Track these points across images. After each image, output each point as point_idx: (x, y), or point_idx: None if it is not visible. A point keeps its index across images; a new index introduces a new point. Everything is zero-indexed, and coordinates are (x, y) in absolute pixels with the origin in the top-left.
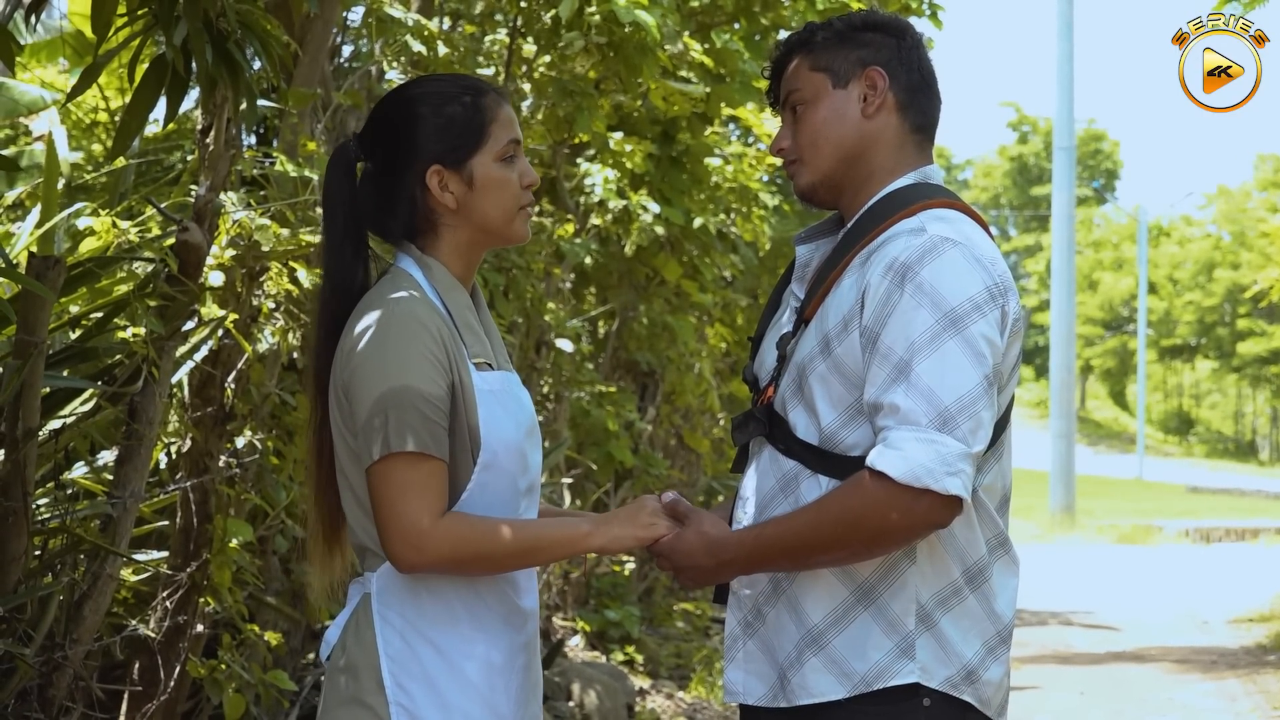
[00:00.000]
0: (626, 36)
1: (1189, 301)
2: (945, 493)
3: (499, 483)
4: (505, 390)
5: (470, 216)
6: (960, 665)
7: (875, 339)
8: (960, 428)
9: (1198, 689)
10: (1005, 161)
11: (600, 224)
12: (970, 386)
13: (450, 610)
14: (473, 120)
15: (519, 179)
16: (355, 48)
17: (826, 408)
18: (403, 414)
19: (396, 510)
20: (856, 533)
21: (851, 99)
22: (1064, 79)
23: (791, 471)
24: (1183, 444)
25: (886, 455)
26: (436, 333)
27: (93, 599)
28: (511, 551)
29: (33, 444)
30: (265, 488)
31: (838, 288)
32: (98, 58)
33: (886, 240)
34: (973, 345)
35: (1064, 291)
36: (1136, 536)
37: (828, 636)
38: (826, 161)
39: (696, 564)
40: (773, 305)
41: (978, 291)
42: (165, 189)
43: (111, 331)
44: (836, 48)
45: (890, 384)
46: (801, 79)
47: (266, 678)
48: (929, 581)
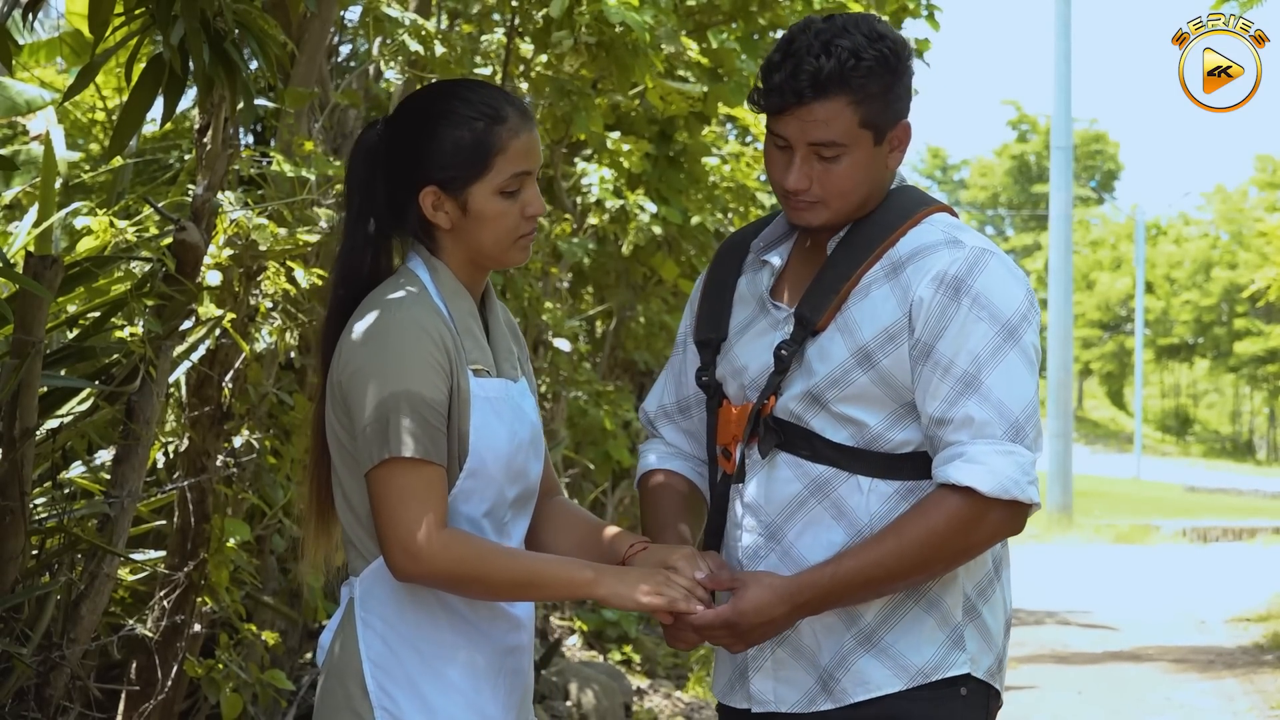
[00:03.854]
0: (617, 37)
1: (1186, 301)
2: (1029, 502)
3: (485, 491)
4: (503, 398)
5: (463, 240)
6: (997, 654)
7: (929, 351)
8: (1029, 436)
9: (1195, 688)
10: (1004, 160)
11: (598, 223)
12: (1031, 395)
13: (431, 613)
14: (478, 150)
15: (521, 209)
16: (353, 47)
17: (867, 414)
18: (404, 418)
19: (396, 517)
20: (940, 552)
21: (884, 153)
22: (1062, 78)
23: (823, 476)
24: (1180, 444)
25: (970, 470)
26: (438, 336)
27: (90, 598)
28: (509, 582)
29: (30, 443)
30: (263, 487)
31: (865, 298)
32: (95, 57)
33: (919, 253)
34: (1027, 355)
35: (1061, 291)
36: (1134, 536)
37: (880, 634)
38: (851, 207)
39: (770, 618)
40: (718, 305)
41: (1022, 300)
42: (163, 188)
43: (109, 331)
44: (882, 101)
45: (959, 397)
46: (844, 131)
47: (264, 677)
48: (973, 573)
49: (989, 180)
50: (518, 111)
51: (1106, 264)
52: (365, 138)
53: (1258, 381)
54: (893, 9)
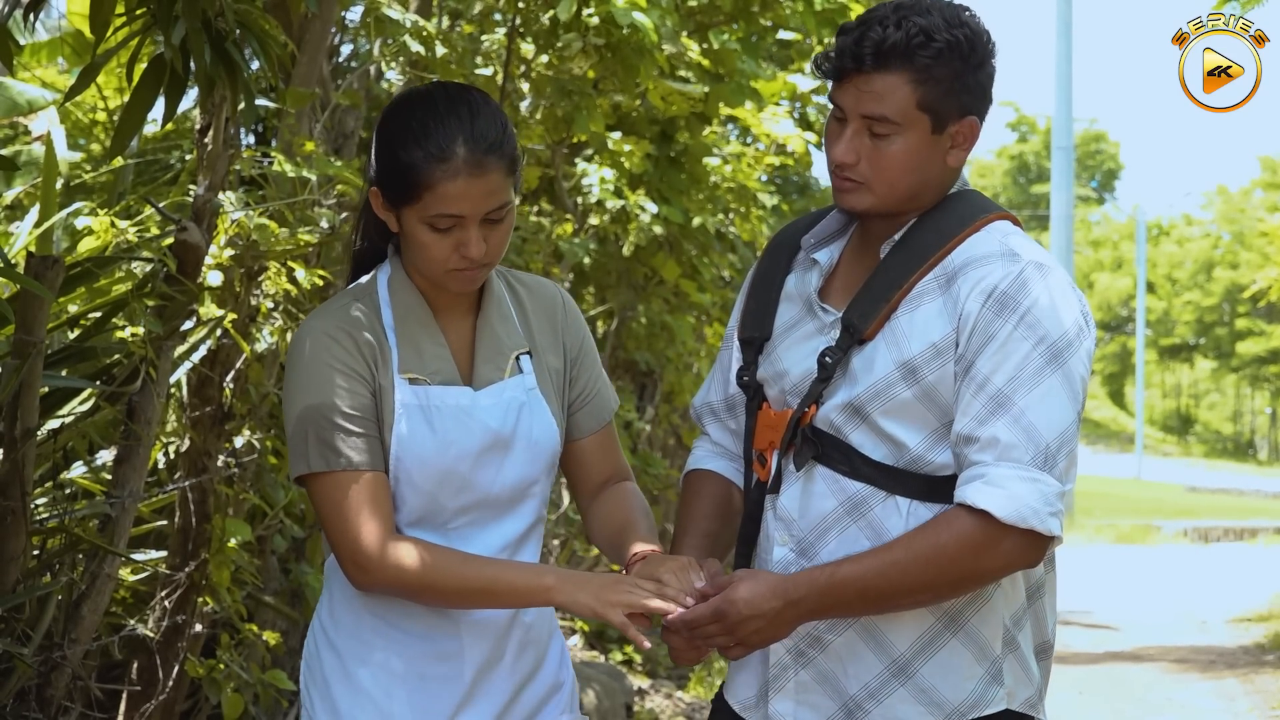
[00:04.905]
0: (624, 38)
1: (1188, 301)
2: (1048, 534)
3: (412, 500)
4: (443, 406)
5: (405, 251)
6: (1036, 685)
7: (969, 367)
8: (1059, 465)
9: (1196, 688)
10: (1005, 161)
11: (599, 224)
12: (1069, 423)
13: (355, 613)
14: (409, 178)
15: (454, 246)
16: (354, 47)
17: (909, 433)
18: (322, 432)
19: (339, 530)
20: (945, 574)
21: (943, 145)
22: (1063, 78)
23: (860, 494)
24: (1181, 444)
25: (988, 493)
26: (351, 343)
27: (91, 598)
28: (463, 589)
29: (31, 443)
30: (264, 487)
31: (915, 310)
32: (96, 57)
33: (972, 264)
34: (1071, 382)
35: None
36: (1135, 536)
37: (915, 665)
38: (898, 196)
39: (761, 611)
40: (764, 302)
41: (1073, 323)
42: (164, 188)
43: (110, 331)
44: (946, 88)
45: (989, 416)
46: (899, 108)
47: (265, 677)
48: (1010, 602)
49: (989, 180)
50: (472, 156)
51: (1108, 264)
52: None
53: (1259, 382)
54: None
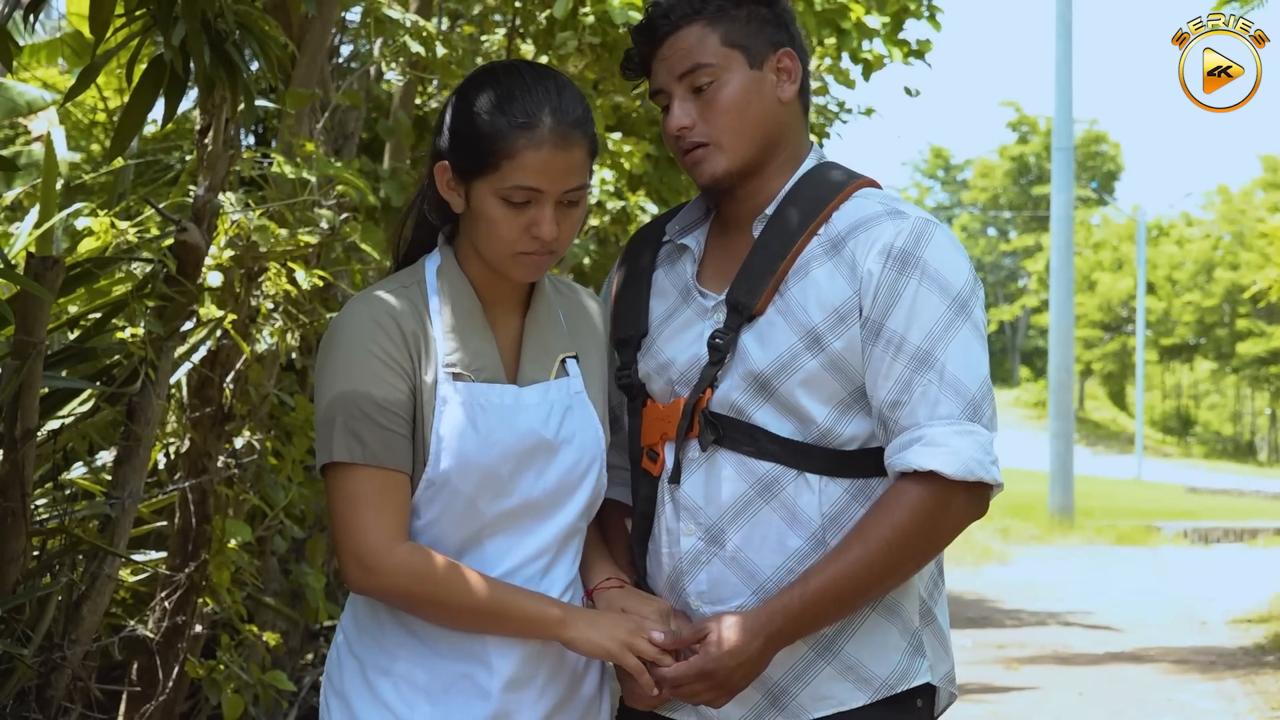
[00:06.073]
0: (620, 37)
1: (1188, 302)
2: (994, 482)
3: (452, 503)
4: (488, 405)
5: (468, 231)
6: (951, 658)
7: (879, 329)
8: (985, 414)
9: (1196, 689)
10: (1005, 161)
11: (599, 225)
12: (985, 371)
13: (378, 621)
14: (488, 146)
15: (526, 225)
16: (354, 48)
17: (816, 405)
18: (353, 421)
19: (348, 526)
20: (910, 550)
21: (767, 80)
22: (1063, 79)
23: (770, 474)
24: (1181, 445)
25: (931, 453)
26: (397, 332)
27: (91, 599)
28: (470, 609)
29: (31, 444)
30: (264, 488)
31: (805, 278)
32: (96, 58)
33: (861, 226)
34: (979, 328)
35: (1063, 292)
36: (1135, 537)
37: (839, 643)
38: (748, 148)
39: (746, 657)
40: (634, 300)
41: (969, 272)
42: (164, 189)
43: (110, 332)
44: (746, 23)
45: (912, 376)
46: (710, 53)
47: (265, 678)
48: (923, 573)
49: (990, 181)
50: (558, 126)
51: (1108, 265)
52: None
53: (1259, 382)
54: (894, 9)
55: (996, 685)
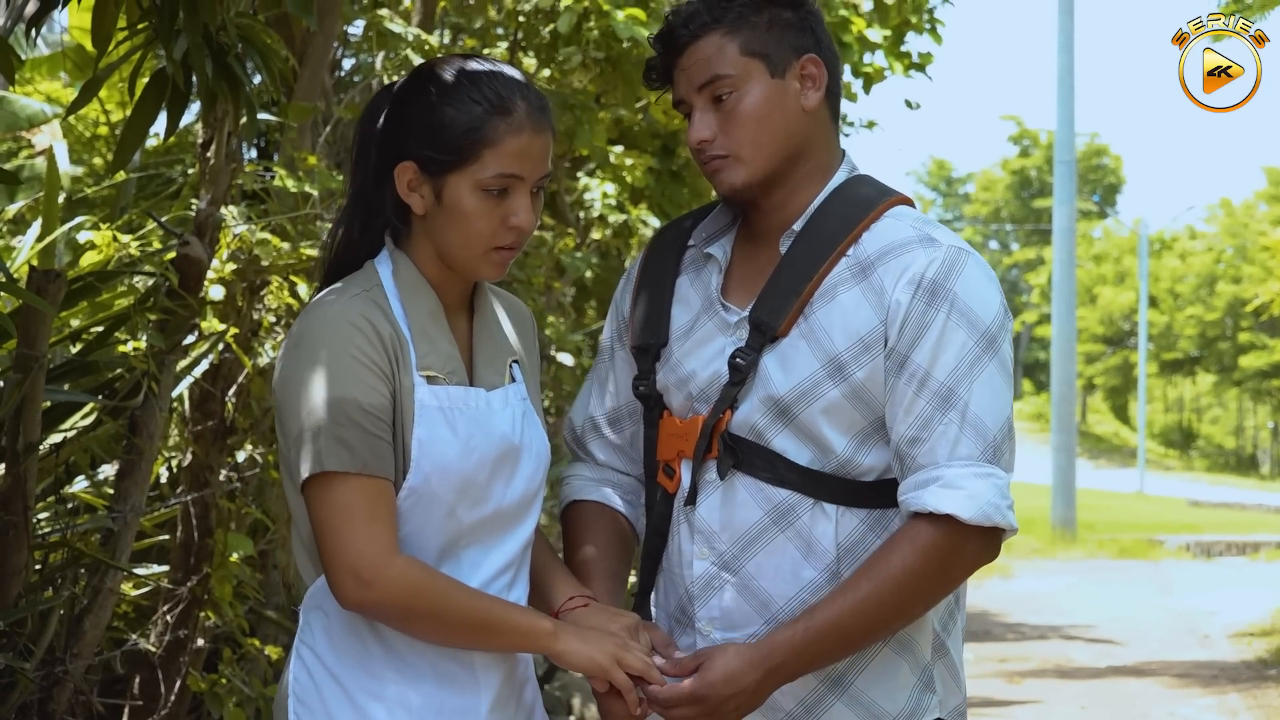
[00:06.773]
0: (624, 52)
1: (1190, 315)
2: (1008, 528)
3: (430, 510)
4: (462, 408)
5: (433, 232)
6: (964, 692)
7: (904, 361)
8: (1005, 456)
9: (1198, 703)
10: (1007, 175)
11: (600, 238)
12: (1008, 412)
13: (362, 642)
14: (467, 134)
15: (503, 216)
16: (356, 61)
17: (836, 434)
18: (340, 428)
19: (342, 539)
20: (919, 593)
21: (789, 91)
22: (1065, 93)
23: (786, 502)
24: (1184, 458)
25: (948, 495)
26: (374, 335)
27: (93, 613)
28: (466, 623)
29: (33, 458)
30: (266, 502)
31: (831, 302)
32: (98, 72)
33: (891, 252)
34: (1005, 367)
35: (1065, 305)
36: (1137, 551)
37: (849, 677)
38: (770, 160)
39: (742, 687)
40: (656, 307)
41: (999, 306)
42: (166, 203)
43: (112, 345)
44: (767, 30)
45: (934, 414)
46: (730, 63)
47: (267, 692)
48: (938, 607)
49: (991, 195)
50: (531, 110)
51: (1110, 278)
52: (377, 98)
53: (1261, 396)
54: (895, 23)
55: (998, 699)
